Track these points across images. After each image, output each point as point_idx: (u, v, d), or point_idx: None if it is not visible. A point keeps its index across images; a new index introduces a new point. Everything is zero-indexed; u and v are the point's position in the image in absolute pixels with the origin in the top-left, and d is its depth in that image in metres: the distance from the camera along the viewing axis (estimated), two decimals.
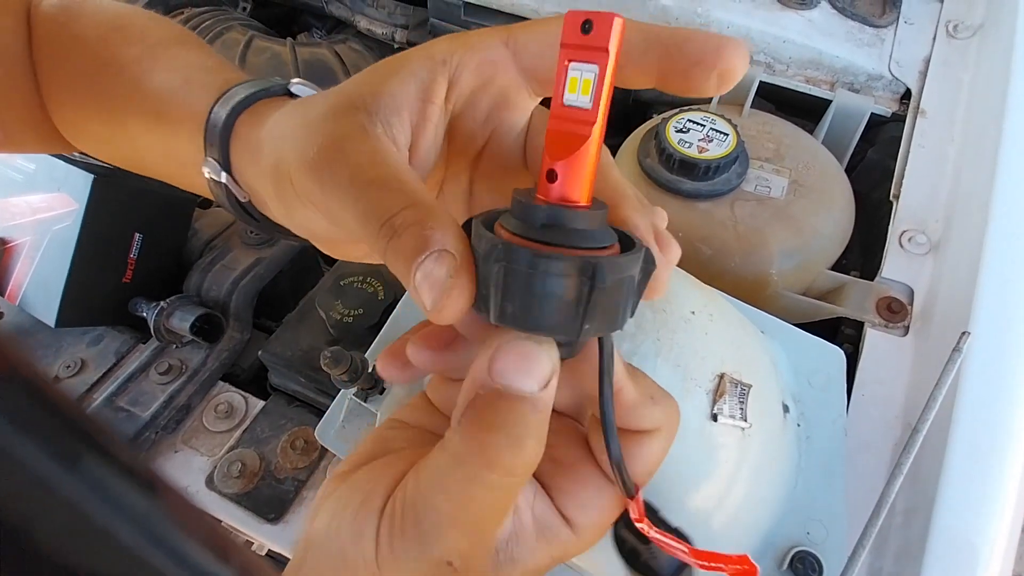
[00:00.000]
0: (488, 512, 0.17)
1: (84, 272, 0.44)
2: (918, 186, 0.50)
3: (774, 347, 0.39)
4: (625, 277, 0.15)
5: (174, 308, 0.45)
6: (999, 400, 0.37)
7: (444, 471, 0.16)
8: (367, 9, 0.73)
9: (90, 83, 0.29)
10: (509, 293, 0.15)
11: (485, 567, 0.17)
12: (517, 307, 0.15)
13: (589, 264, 0.14)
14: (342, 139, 0.18)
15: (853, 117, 0.56)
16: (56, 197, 0.44)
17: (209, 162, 0.24)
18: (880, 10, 0.60)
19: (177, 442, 0.43)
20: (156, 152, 0.28)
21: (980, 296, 0.40)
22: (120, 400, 0.44)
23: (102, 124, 0.30)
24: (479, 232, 0.16)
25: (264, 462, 0.41)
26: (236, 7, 0.74)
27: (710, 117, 0.48)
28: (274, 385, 0.47)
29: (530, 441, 0.16)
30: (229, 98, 0.24)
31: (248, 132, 0.23)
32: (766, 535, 0.33)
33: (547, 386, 0.16)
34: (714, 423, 0.32)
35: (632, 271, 0.16)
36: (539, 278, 0.15)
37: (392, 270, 0.16)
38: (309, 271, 0.55)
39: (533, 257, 0.15)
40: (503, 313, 0.15)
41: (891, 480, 0.32)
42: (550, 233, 0.15)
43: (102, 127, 0.30)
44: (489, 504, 0.17)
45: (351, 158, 0.17)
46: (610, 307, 0.15)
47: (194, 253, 0.50)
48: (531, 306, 0.15)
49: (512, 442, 0.16)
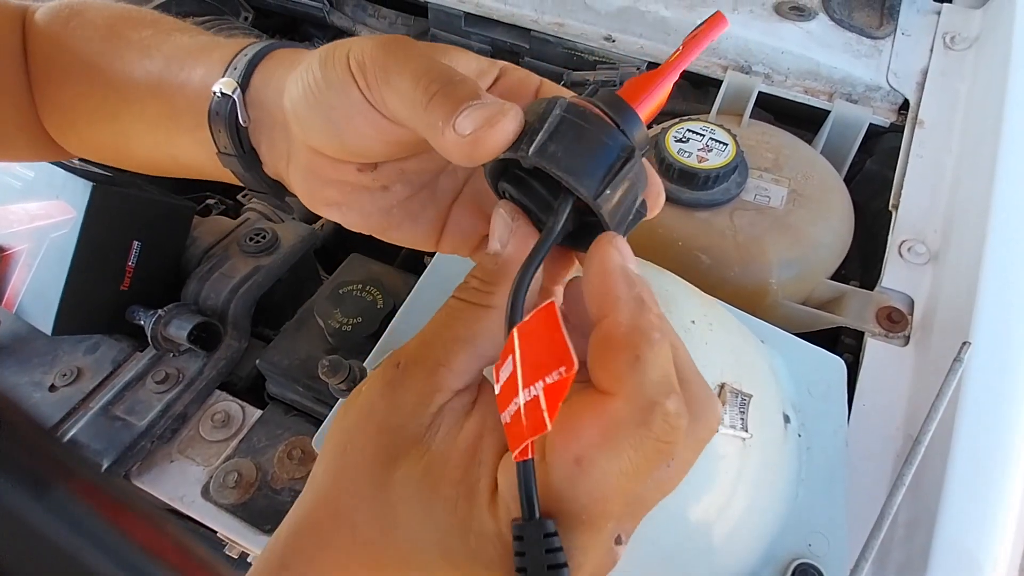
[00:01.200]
0: (441, 320, 0.19)
1: (81, 280, 0.44)
2: (917, 196, 0.50)
3: (774, 357, 0.39)
4: (640, 178, 0.18)
5: (171, 316, 0.45)
6: (1000, 410, 0.37)
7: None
8: (368, 19, 0.74)
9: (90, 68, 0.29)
10: (558, 136, 0.17)
11: (424, 377, 0.18)
12: (560, 149, 0.17)
13: (629, 145, 0.17)
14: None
15: (852, 127, 0.56)
16: (54, 204, 0.44)
17: (224, 81, 0.24)
18: (877, 22, 0.60)
19: (173, 452, 0.43)
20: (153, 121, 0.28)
21: (980, 305, 0.40)
22: (116, 409, 0.43)
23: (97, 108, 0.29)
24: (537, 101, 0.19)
25: (261, 472, 0.41)
26: (238, 17, 0.75)
27: (709, 127, 0.48)
28: (272, 394, 0.46)
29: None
30: (256, 45, 0.25)
31: (281, 59, 0.25)
32: (767, 547, 0.32)
33: None
34: (715, 434, 0.31)
35: (643, 179, 0.19)
36: (592, 133, 0.17)
37: (433, 115, 0.18)
38: (308, 279, 0.55)
39: (594, 116, 0.17)
40: (543, 150, 0.17)
41: (893, 492, 0.32)
42: (608, 108, 0.18)
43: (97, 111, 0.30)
44: (444, 314, 0.19)
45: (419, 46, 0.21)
46: (626, 193, 0.18)
47: (192, 261, 0.50)
48: (573, 152, 0.17)
49: None
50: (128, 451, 0.41)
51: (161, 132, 0.28)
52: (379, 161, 0.23)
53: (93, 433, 0.42)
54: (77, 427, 0.42)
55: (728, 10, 0.61)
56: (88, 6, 0.31)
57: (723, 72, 0.59)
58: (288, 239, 0.51)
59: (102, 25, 0.30)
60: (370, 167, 0.23)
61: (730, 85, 0.58)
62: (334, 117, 0.21)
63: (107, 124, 0.30)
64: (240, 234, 0.51)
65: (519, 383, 0.16)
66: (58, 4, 0.32)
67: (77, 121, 0.31)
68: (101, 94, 0.29)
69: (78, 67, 0.29)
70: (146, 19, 0.30)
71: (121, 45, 0.28)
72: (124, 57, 0.28)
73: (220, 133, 0.25)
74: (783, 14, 0.60)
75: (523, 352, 0.16)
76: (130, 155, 0.31)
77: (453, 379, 0.19)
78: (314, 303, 0.46)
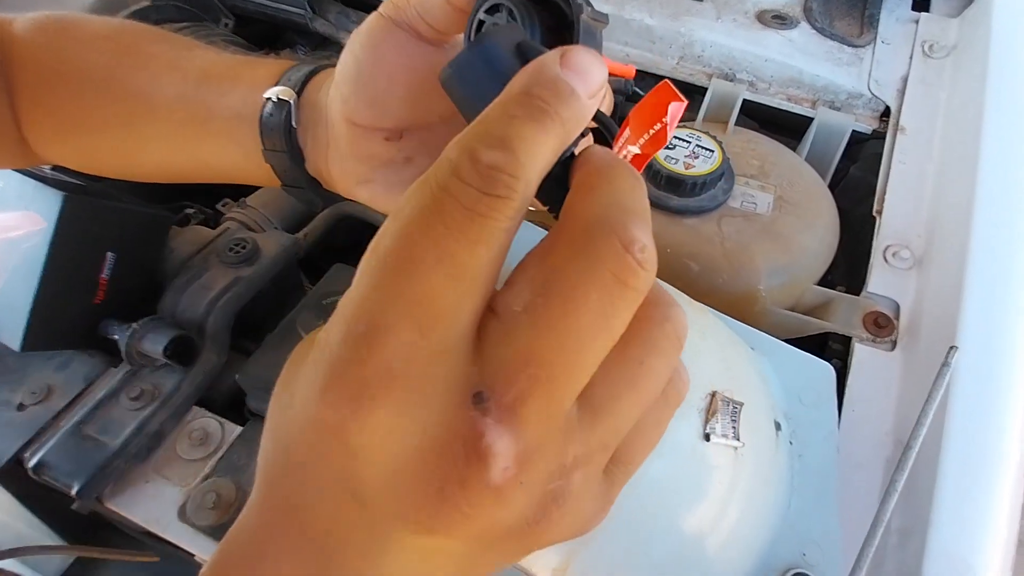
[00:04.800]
0: None
1: (52, 293, 0.42)
2: (900, 202, 0.50)
3: (764, 364, 0.38)
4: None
5: (147, 330, 0.43)
6: (989, 414, 0.37)
7: None
8: (351, 25, 0.73)
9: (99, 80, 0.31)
10: None
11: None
12: None
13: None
14: None
15: (835, 134, 0.57)
16: (24, 215, 0.43)
17: (280, 89, 0.27)
18: (858, 30, 0.61)
19: (148, 472, 0.41)
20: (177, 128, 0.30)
21: (965, 309, 0.41)
22: (88, 428, 0.42)
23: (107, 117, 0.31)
24: None
25: (241, 492, 0.40)
26: (219, 23, 0.73)
27: (695, 134, 0.48)
28: (252, 410, 0.45)
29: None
30: (307, 63, 0.29)
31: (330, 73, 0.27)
32: (761, 557, 0.32)
33: (594, 97, 0.15)
34: (707, 443, 0.31)
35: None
36: None
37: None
38: (291, 290, 0.54)
39: None
40: None
41: (886, 499, 0.31)
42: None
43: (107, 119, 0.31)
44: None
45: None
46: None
47: (169, 272, 0.49)
48: None
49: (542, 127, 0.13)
50: (100, 473, 0.39)
51: (186, 137, 0.30)
52: (406, 124, 0.26)
53: (63, 454, 0.40)
54: (46, 448, 0.40)
55: (712, 18, 0.61)
56: (76, 20, 0.33)
57: (708, 80, 0.59)
58: (270, 249, 0.50)
59: (106, 39, 0.32)
60: (396, 136, 0.26)
61: (715, 93, 0.58)
62: (372, 69, 0.24)
63: (116, 132, 0.32)
64: (220, 244, 0.50)
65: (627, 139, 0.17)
66: (41, 17, 0.33)
67: (76, 130, 0.33)
68: (113, 104, 0.31)
69: (82, 79, 0.31)
70: (155, 35, 0.33)
71: (139, 59, 0.31)
72: (148, 69, 0.31)
73: (272, 133, 0.28)
74: (766, 22, 0.61)
75: (637, 121, 0.17)
76: (140, 161, 0.33)
77: None
78: (297, 314, 0.45)
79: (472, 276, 0.13)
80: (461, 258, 0.12)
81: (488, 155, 0.13)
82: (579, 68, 0.14)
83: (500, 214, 0.13)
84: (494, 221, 0.13)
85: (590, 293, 0.13)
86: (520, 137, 0.13)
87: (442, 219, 0.12)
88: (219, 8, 0.74)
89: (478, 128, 0.13)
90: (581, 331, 0.13)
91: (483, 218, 0.12)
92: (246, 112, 0.29)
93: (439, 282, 0.12)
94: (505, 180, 0.13)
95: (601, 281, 0.13)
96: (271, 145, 0.28)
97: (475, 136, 0.13)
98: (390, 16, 0.23)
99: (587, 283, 0.13)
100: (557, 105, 0.14)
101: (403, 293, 0.12)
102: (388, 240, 0.13)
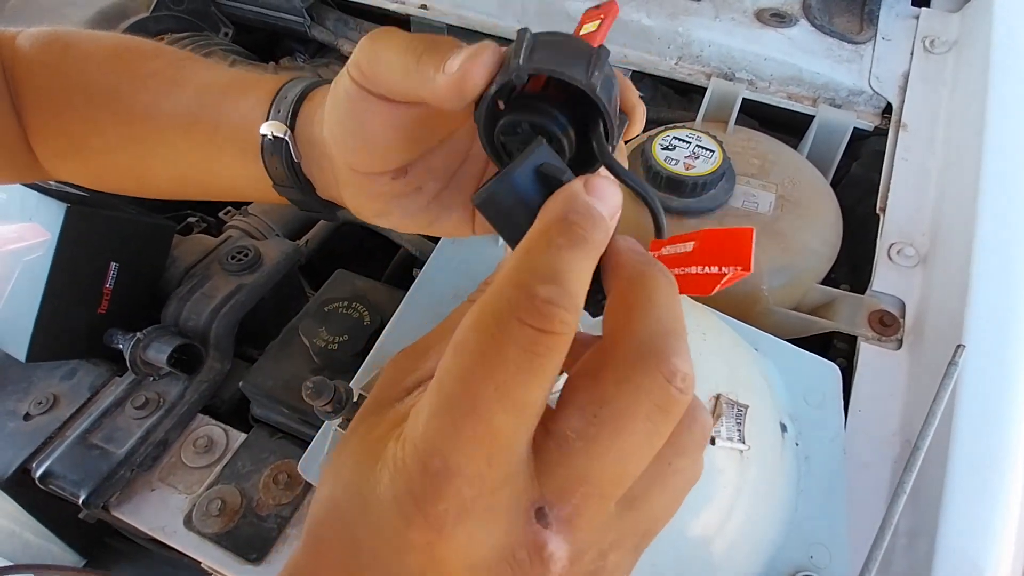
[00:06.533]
0: None
1: (57, 304, 0.42)
2: (904, 199, 0.50)
3: (768, 365, 0.38)
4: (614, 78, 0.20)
5: (151, 339, 0.43)
6: (998, 413, 0.37)
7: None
8: (350, 32, 0.73)
9: (105, 99, 0.31)
10: (538, 49, 0.19)
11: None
12: (543, 55, 0.19)
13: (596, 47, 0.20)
14: None
15: (836, 132, 0.56)
16: (27, 227, 0.43)
17: (273, 123, 0.27)
18: (858, 27, 0.61)
19: (154, 480, 0.41)
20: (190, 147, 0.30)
21: (972, 307, 0.40)
22: (94, 436, 0.42)
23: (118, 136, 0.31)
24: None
25: (245, 499, 0.40)
26: (218, 32, 0.74)
27: (695, 134, 0.48)
28: (256, 417, 0.45)
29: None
30: (295, 84, 0.28)
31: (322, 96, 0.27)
32: (769, 560, 0.32)
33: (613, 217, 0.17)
34: (712, 447, 0.31)
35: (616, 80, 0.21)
36: (564, 41, 0.20)
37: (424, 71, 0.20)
38: (293, 297, 0.54)
39: (559, 33, 0.20)
40: (531, 59, 0.19)
41: (894, 500, 0.31)
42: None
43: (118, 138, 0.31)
44: None
45: None
46: (608, 80, 0.20)
47: (172, 281, 0.49)
48: (555, 56, 0.19)
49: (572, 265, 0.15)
50: (106, 481, 0.39)
51: (199, 156, 0.30)
52: (405, 163, 0.26)
53: (69, 463, 0.40)
54: (52, 457, 0.40)
55: (710, 18, 0.61)
56: (78, 37, 0.33)
57: (707, 79, 0.59)
58: (272, 256, 0.50)
59: (107, 58, 0.32)
60: (401, 173, 0.26)
61: (714, 92, 0.58)
62: (357, 130, 0.24)
63: (128, 149, 0.32)
64: (222, 252, 0.50)
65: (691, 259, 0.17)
66: (44, 33, 0.33)
67: (86, 150, 0.33)
68: (119, 125, 0.31)
69: (88, 100, 0.31)
70: (149, 50, 0.32)
71: (139, 77, 0.31)
72: (149, 88, 0.30)
73: (277, 169, 0.28)
74: (764, 21, 0.60)
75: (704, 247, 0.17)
76: (153, 177, 0.33)
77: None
78: (299, 321, 0.45)
79: (530, 410, 0.14)
80: (520, 395, 0.14)
81: (543, 290, 0.14)
82: (602, 195, 0.16)
83: (556, 352, 0.14)
84: (549, 360, 0.14)
85: (636, 423, 0.15)
86: (568, 268, 0.14)
87: (503, 362, 0.14)
88: (218, 17, 0.74)
89: (527, 261, 0.15)
90: (627, 454, 0.15)
91: (540, 358, 0.14)
92: (245, 137, 0.28)
93: (501, 419, 0.14)
94: (561, 316, 0.14)
95: (647, 412, 0.15)
96: (278, 179, 0.28)
97: (527, 270, 0.14)
98: (358, 82, 0.23)
99: (634, 414, 0.15)
100: (592, 231, 0.15)
101: (470, 432, 0.14)
102: (452, 381, 0.14)
